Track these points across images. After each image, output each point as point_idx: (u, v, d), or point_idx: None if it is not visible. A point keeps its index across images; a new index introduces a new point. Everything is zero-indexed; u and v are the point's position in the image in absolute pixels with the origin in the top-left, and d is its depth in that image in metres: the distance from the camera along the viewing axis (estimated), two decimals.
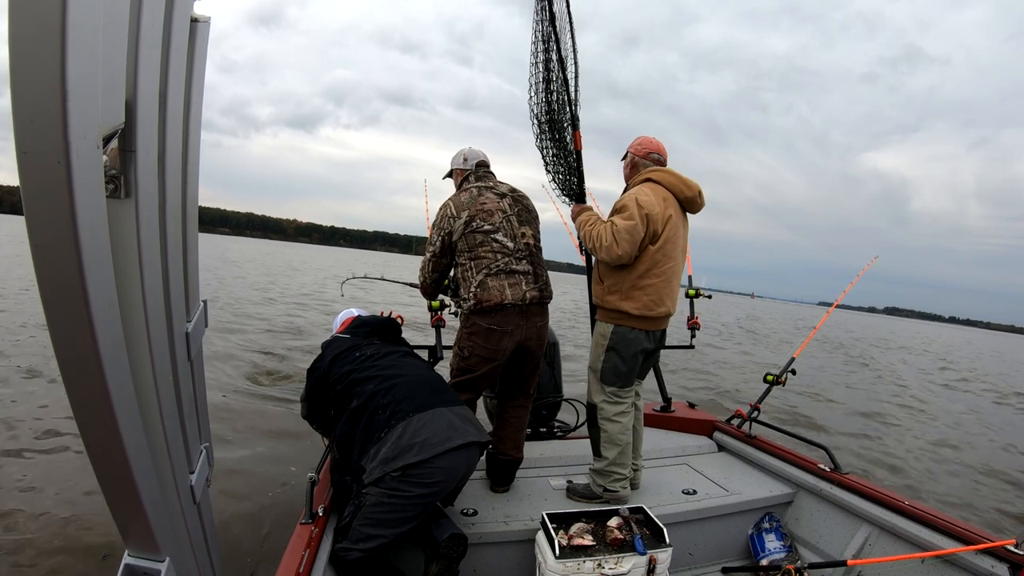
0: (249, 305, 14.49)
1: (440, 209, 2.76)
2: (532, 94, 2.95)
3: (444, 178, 3.02)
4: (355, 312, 2.90)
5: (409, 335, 2.95)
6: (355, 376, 2.30)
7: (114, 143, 0.80)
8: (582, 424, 3.62)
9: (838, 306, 4.35)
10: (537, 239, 2.82)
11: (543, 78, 2.92)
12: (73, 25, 0.59)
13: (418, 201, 4.19)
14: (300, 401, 2.66)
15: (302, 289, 21.56)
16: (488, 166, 2.89)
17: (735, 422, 3.58)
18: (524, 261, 2.69)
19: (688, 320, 3.77)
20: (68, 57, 0.59)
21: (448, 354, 2.97)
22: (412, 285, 3.29)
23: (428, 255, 2.79)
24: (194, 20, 1.09)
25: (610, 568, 2.09)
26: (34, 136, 0.61)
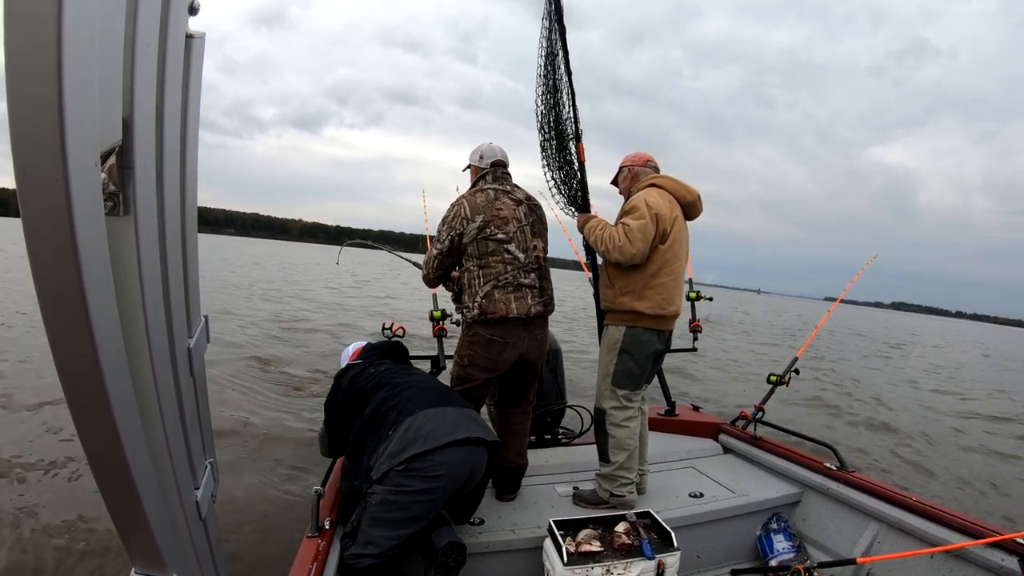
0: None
1: (453, 207, 2.70)
2: (539, 104, 2.94)
3: (464, 170, 2.98)
4: (361, 343, 2.94)
5: (411, 328, 2.96)
6: (370, 386, 2.38)
7: (112, 160, 0.80)
8: (587, 430, 3.61)
9: (846, 302, 4.36)
10: (546, 251, 2.81)
11: (552, 90, 2.90)
12: (69, 43, 0.59)
13: (421, 201, 4.17)
14: (319, 439, 2.69)
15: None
16: (505, 166, 2.85)
17: (740, 424, 3.57)
18: (532, 274, 2.69)
19: (690, 323, 3.78)
20: (65, 76, 0.60)
21: (451, 364, 2.97)
22: (417, 265, 3.29)
23: (435, 251, 2.74)
24: (189, 36, 1.10)
25: (619, 573, 2.08)
26: (32, 154, 0.61)
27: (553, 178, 3.00)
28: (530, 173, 2.83)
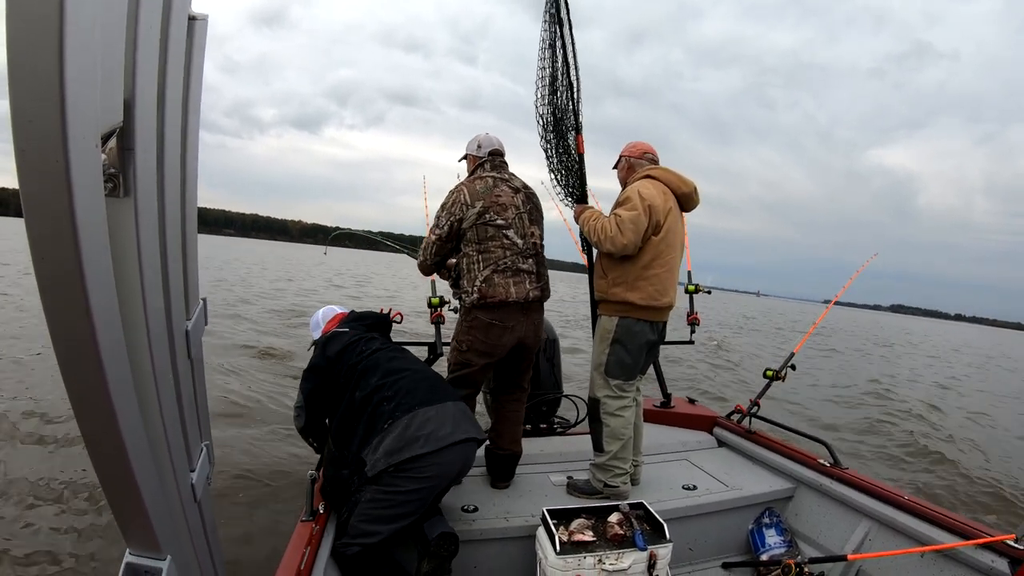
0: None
1: (452, 193, 2.70)
2: (538, 96, 2.94)
3: (460, 160, 2.99)
4: (338, 309, 2.82)
5: (409, 324, 2.95)
6: (361, 367, 2.29)
7: (112, 142, 0.80)
8: (582, 420, 3.62)
9: (844, 304, 4.34)
10: (542, 239, 2.82)
11: (549, 82, 2.91)
12: (71, 23, 0.59)
13: (422, 202, 4.16)
14: (296, 409, 2.47)
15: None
16: (502, 155, 2.85)
17: (735, 417, 3.58)
18: (530, 260, 2.70)
19: (688, 316, 3.78)
20: (66, 55, 0.59)
21: (448, 351, 2.97)
22: (411, 255, 3.26)
23: (433, 237, 2.73)
24: (192, 18, 1.09)
25: (611, 564, 2.09)
26: (32, 134, 0.61)
27: (552, 170, 3.00)
28: (531, 175, 2.84)
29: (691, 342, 3.88)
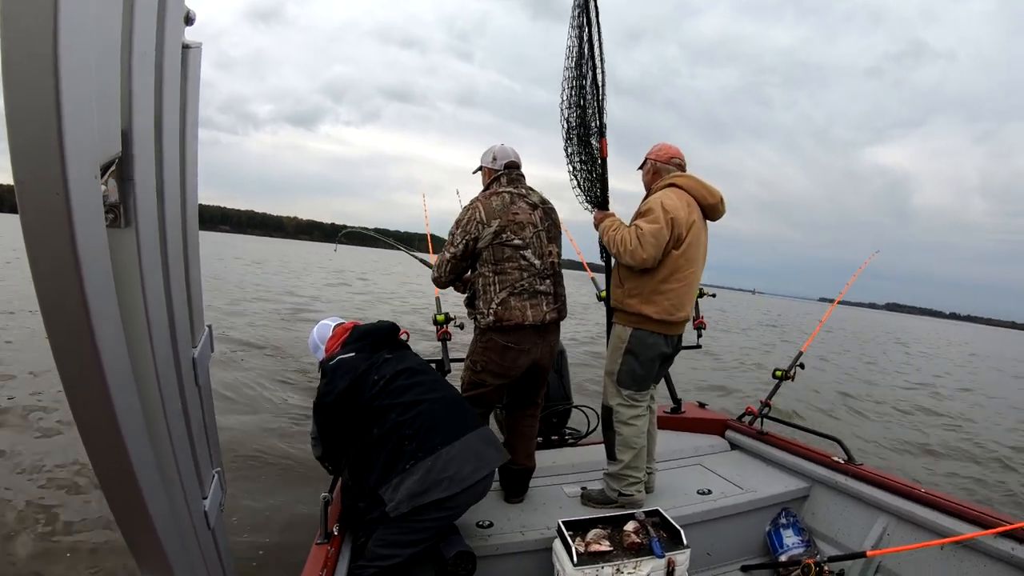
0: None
1: (467, 210, 2.62)
2: (563, 99, 2.87)
3: (474, 172, 2.90)
4: (333, 323, 2.62)
5: (413, 324, 2.93)
6: (377, 404, 2.18)
7: (112, 172, 0.80)
8: (593, 430, 3.61)
9: (841, 302, 4.33)
10: (560, 256, 2.77)
11: (577, 84, 2.83)
12: (66, 56, 0.59)
13: (418, 199, 4.17)
14: (312, 439, 2.42)
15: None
16: (519, 167, 2.77)
17: (746, 419, 3.56)
18: (548, 281, 2.65)
19: (694, 320, 3.76)
20: (63, 89, 0.60)
21: (456, 367, 2.95)
22: (425, 264, 3.24)
23: (448, 255, 2.65)
24: (185, 47, 1.10)
25: (629, 572, 2.08)
26: (32, 167, 0.61)
27: (574, 174, 2.94)
28: (530, 173, 2.80)
29: (699, 346, 3.87)
